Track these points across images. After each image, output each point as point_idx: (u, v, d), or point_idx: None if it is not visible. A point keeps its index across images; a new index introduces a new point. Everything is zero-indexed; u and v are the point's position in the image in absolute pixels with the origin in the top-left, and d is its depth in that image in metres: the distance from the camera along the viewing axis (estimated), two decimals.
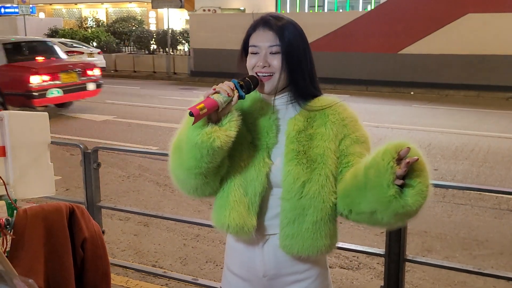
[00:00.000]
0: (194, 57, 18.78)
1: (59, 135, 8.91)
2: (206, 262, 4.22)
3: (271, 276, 1.69)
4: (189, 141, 1.54)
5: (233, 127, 1.53)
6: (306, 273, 1.69)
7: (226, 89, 1.52)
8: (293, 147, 1.61)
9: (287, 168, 1.59)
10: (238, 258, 1.77)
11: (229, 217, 1.63)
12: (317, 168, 1.58)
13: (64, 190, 5.94)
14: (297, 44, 1.60)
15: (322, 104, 1.65)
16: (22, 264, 1.93)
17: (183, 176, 1.63)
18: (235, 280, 1.79)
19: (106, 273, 2.26)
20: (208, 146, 1.50)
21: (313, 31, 15.10)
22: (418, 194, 1.38)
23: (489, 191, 4.83)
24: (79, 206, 2.21)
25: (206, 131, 1.50)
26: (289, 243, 1.60)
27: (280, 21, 1.61)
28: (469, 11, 14.07)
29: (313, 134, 1.62)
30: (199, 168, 1.56)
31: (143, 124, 10.25)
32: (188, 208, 5.31)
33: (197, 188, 1.65)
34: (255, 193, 1.62)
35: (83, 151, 3.37)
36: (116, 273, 3.86)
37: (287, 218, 1.60)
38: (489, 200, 5.47)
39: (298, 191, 1.58)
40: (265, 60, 1.60)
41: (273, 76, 1.61)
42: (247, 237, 1.64)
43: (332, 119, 1.62)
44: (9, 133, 2.23)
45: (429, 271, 3.91)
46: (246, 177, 1.63)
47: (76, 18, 33.14)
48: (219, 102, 1.50)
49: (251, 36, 1.64)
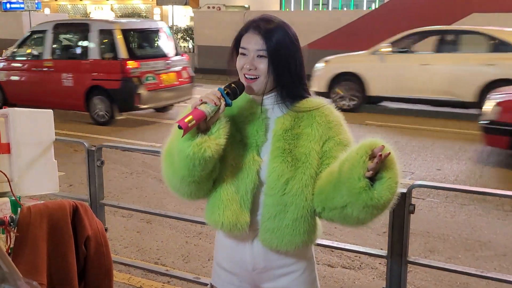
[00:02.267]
0: (198, 54, 18.77)
1: (63, 130, 8.93)
2: (208, 260, 4.22)
3: (260, 269, 1.74)
4: (180, 153, 1.58)
5: (222, 135, 1.58)
6: (293, 266, 1.75)
7: (212, 99, 1.56)
8: (279, 145, 1.65)
9: (272, 165, 1.64)
10: (228, 253, 1.81)
11: (223, 215, 1.68)
12: (301, 167, 1.63)
13: (67, 186, 5.95)
14: (285, 47, 1.63)
15: (310, 106, 1.69)
16: (25, 261, 1.94)
17: (177, 184, 1.69)
18: (225, 275, 1.83)
19: (108, 270, 2.28)
20: (200, 156, 1.55)
21: (317, 29, 15.07)
22: (387, 189, 1.47)
23: (492, 194, 4.79)
24: (83, 204, 2.22)
25: (196, 142, 1.55)
26: (269, 237, 1.66)
27: (270, 24, 1.63)
28: (474, 11, 14.01)
29: (299, 133, 1.66)
30: (192, 176, 1.61)
31: (147, 120, 10.25)
32: (190, 206, 5.31)
33: (191, 193, 1.70)
34: (246, 190, 1.66)
35: (87, 148, 3.37)
36: (118, 270, 3.87)
37: (269, 212, 1.65)
38: (492, 201, 5.45)
39: (282, 188, 1.62)
40: (251, 63, 1.63)
41: (259, 79, 1.64)
42: (240, 233, 1.69)
43: (319, 121, 1.67)
44: (14, 130, 2.24)
45: (432, 272, 3.91)
46: (237, 175, 1.68)
47: (81, 14, 33.17)
48: (207, 112, 1.55)
49: (242, 38, 1.67)
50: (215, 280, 1.89)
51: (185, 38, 22.29)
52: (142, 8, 32.36)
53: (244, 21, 1.69)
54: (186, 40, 22.35)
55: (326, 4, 29.21)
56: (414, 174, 6.54)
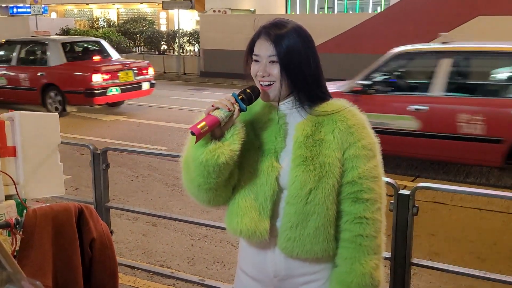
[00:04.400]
0: (204, 57, 18.81)
1: (70, 134, 8.98)
2: (214, 262, 4.23)
3: (282, 277, 1.72)
4: (194, 160, 1.58)
5: (236, 141, 1.56)
6: (316, 274, 1.71)
7: (226, 104, 1.55)
8: (300, 153, 1.61)
9: (294, 173, 1.61)
10: (250, 259, 1.79)
11: (241, 223, 1.66)
12: (325, 176, 1.59)
13: (73, 189, 5.99)
14: (298, 51, 1.60)
15: (331, 109, 1.64)
16: (31, 263, 1.96)
17: (195, 192, 1.68)
18: (247, 280, 1.82)
19: (114, 273, 2.29)
20: (214, 163, 1.54)
21: (323, 33, 15.08)
22: None
23: (497, 196, 4.80)
24: (88, 206, 2.23)
25: (210, 149, 1.54)
26: (290, 246, 1.63)
27: (281, 29, 1.61)
28: (480, 14, 13.98)
29: (321, 140, 1.62)
30: (208, 184, 1.61)
31: (153, 124, 10.29)
32: (196, 209, 5.33)
33: (210, 200, 1.69)
34: (265, 197, 1.64)
35: (92, 151, 3.40)
36: (124, 272, 3.89)
37: (290, 221, 1.62)
38: (498, 203, 5.44)
39: (304, 197, 1.59)
40: (264, 69, 1.62)
41: (274, 85, 1.62)
42: (259, 240, 1.67)
43: (340, 127, 1.62)
44: (20, 133, 2.26)
45: (436, 275, 3.90)
46: (256, 182, 1.65)
47: (88, 18, 33.30)
48: (220, 118, 1.53)
49: (255, 44, 1.66)
50: (237, 285, 1.88)
51: (191, 42, 22.34)
52: (148, 12, 32.47)
53: (254, 27, 1.68)
54: (192, 44, 22.40)
55: (331, 7, 29.21)
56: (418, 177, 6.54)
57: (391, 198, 2.69)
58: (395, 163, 7.00)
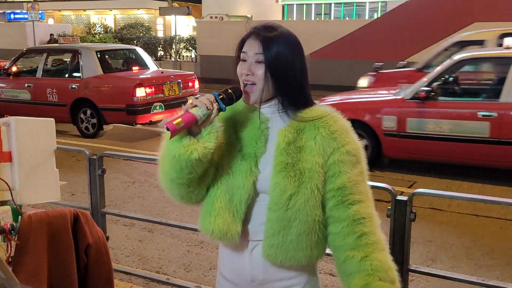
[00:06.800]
0: (201, 63, 18.86)
1: (66, 140, 8.95)
2: (210, 269, 4.22)
3: (260, 281, 1.72)
4: (168, 153, 1.59)
5: (212, 139, 1.56)
6: (294, 279, 1.71)
7: (205, 103, 1.55)
8: (281, 159, 1.61)
9: (275, 180, 1.61)
10: (228, 263, 1.79)
11: (213, 223, 1.66)
12: (304, 182, 1.59)
13: (70, 195, 5.96)
14: (285, 55, 1.60)
15: (313, 115, 1.64)
16: (26, 269, 1.94)
17: (168, 186, 1.70)
18: (226, 285, 1.81)
19: (109, 279, 2.27)
20: (186, 158, 1.55)
21: (320, 39, 15.12)
22: None
23: (494, 202, 4.82)
24: (83, 212, 2.22)
25: (183, 144, 1.55)
26: (273, 253, 1.63)
27: (271, 32, 1.62)
28: (476, 20, 14.05)
29: (302, 147, 1.62)
30: (181, 179, 1.62)
31: (149, 129, 10.28)
32: (192, 215, 5.31)
33: (182, 196, 1.70)
34: (240, 200, 1.64)
35: (88, 157, 3.38)
36: (120, 279, 3.87)
37: (273, 228, 1.62)
38: (495, 209, 5.44)
39: (285, 203, 1.60)
40: (249, 68, 1.62)
41: (256, 86, 1.62)
42: (231, 242, 1.68)
43: (322, 133, 1.61)
44: (15, 138, 2.25)
45: (433, 281, 3.89)
46: (233, 185, 1.65)
47: (85, 24, 33.36)
48: (197, 116, 1.53)
49: (245, 43, 1.66)
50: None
51: (188, 48, 22.39)
52: (145, 18, 32.53)
53: (246, 29, 1.68)
54: (188, 50, 22.45)
55: (328, 13, 29.32)
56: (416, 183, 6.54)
57: (388, 204, 2.68)
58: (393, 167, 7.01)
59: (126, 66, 10.45)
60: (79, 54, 9.72)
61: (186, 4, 25.93)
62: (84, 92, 9.40)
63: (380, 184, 2.67)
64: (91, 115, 9.44)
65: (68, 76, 9.94)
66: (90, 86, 9.38)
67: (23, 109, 9.55)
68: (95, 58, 9.59)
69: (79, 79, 9.56)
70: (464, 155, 6.41)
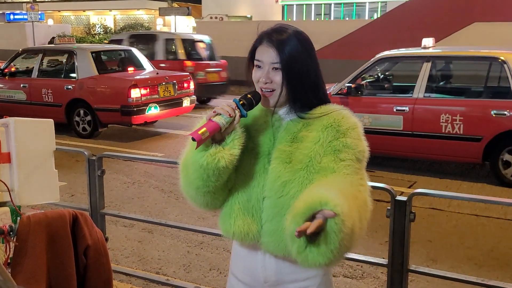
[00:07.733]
0: None
1: (65, 140, 8.95)
2: (210, 269, 4.21)
3: (272, 282, 1.71)
4: (194, 163, 1.59)
5: (236, 146, 1.58)
6: (307, 281, 1.70)
7: (227, 110, 1.56)
8: (280, 147, 1.64)
9: (271, 166, 1.63)
10: (241, 264, 1.79)
11: (234, 225, 1.67)
12: (301, 169, 1.60)
13: (69, 196, 5.96)
14: (298, 57, 1.61)
15: (322, 112, 1.66)
16: (24, 270, 1.94)
17: (193, 195, 1.69)
18: (238, 285, 1.81)
19: (108, 280, 2.27)
20: (214, 167, 1.55)
21: (320, 39, 15.10)
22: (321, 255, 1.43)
23: (494, 202, 4.81)
24: (83, 213, 2.22)
25: (210, 152, 1.55)
26: (267, 241, 1.63)
27: (282, 35, 1.62)
28: (476, 20, 14.05)
29: (304, 136, 1.64)
30: (207, 187, 1.62)
31: (149, 130, 10.27)
32: (192, 215, 5.31)
33: (208, 203, 1.70)
34: (258, 199, 1.65)
35: (87, 158, 3.38)
36: (119, 280, 3.86)
37: (267, 215, 1.63)
38: (495, 209, 5.43)
39: (279, 190, 1.60)
40: (267, 76, 1.63)
41: (275, 92, 1.63)
42: (252, 243, 1.67)
43: (327, 125, 1.62)
44: (14, 139, 2.24)
45: (433, 281, 3.88)
46: (249, 184, 1.66)
47: (84, 25, 33.38)
48: (221, 124, 1.54)
49: (257, 50, 1.66)
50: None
51: None
52: (145, 19, 32.54)
53: (257, 32, 1.69)
54: None
55: (328, 14, 29.33)
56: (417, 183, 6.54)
57: (388, 204, 2.68)
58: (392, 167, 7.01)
59: (121, 66, 10.46)
60: (75, 54, 9.75)
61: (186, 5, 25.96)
62: (79, 92, 9.41)
63: (380, 184, 2.67)
64: (84, 114, 9.45)
65: (63, 77, 9.96)
66: (85, 87, 9.38)
67: (19, 109, 9.59)
68: (90, 58, 9.60)
69: (74, 79, 9.58)
70: (383, 146, 6.80)
